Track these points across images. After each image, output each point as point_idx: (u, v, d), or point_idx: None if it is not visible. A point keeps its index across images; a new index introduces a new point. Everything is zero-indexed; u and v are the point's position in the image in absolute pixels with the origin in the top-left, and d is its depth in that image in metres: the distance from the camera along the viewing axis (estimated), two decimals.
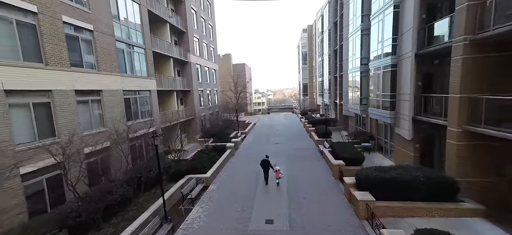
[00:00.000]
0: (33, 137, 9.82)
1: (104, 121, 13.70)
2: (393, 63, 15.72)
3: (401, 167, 11.41)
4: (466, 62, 9.76)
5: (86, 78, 12.39)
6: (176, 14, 26.27)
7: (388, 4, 15.72)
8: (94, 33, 12.97)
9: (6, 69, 8.75)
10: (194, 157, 18.79)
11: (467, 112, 9.98)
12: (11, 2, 8.99)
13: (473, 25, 9.44)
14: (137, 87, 17.12)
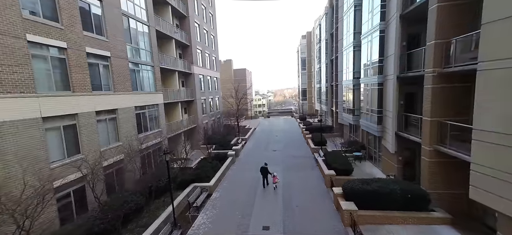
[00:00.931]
0: (63, 155, 11.43)
1: (119, 136, 15.31)
2: (379, 82, 17.29)
3: (382, 180, 12.97)
4: (435, 90, 11.33)
5: (104, 99, 14.01)
6: (181, 29, 27.90)
7: (375, 28, 17.31)
8: (111, 58, 14.60)
9: (43, 99, 10.36)
10: (198, 165, 20.35)
11: (437, 134, 11.55)
12: (47, 43, 10.60)
13: (441, 60, 11.02)
14: (147, 102, 18.73)
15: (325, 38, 38.87)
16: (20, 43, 9.50)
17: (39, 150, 10.11)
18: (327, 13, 36.88)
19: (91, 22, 13.32)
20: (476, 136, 8.47)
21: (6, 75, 8.95)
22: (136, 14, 17.74)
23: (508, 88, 7.31)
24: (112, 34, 14.78)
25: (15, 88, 9.26)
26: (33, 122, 9.89)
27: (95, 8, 13.69)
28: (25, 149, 9.54)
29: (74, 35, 12.04)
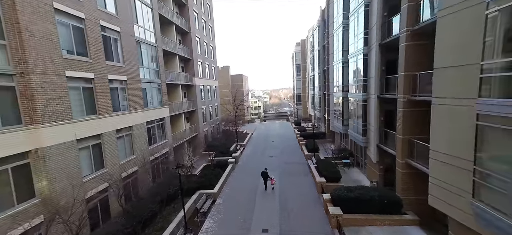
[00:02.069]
0: (91, 170, 13.34)
1: (134, 149, 17.23)
2: (364, 99, 19.57)
3: (363, 188, 15.20)
4: (406, 113, 13.60)
5: (122, 119, 15.93)
6: (183, 44, 29.85)
7: (359, 51, 19.59)
8: (127, 81, 16.52)
9: (77, 124, 12.27)
10: (201, 173, 22.30)
11: (407, 149, 13.83)
12: (79, 76, 12.52)
13: (409, 88, 13.29)
14: (155, 117, 20.65)
15: (317, 49, 41.17)
16: (61, 79, 11.41)
17: (75, 167, 12.02)
18: (319, 26, 39.18)
19: (111, 52, 15.24)
20: (432, 154, 10.74)
21: (52, 107, 10.85)
22: (146, 38, 19.68)
23: (449, 120, 9.56)
24: (128, 60, 16.71)
25: (58, 117, 11.16)
26: (71, 144, 11.80)
27: (114, 38, 15.59)
28: (66, 167, 11.45)
29: (99, 65, 13.95)
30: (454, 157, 9.48)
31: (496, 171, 7.63)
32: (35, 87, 10.09)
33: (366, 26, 18.69)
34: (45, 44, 10.60)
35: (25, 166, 10.03)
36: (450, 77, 9.56)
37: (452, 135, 9.56)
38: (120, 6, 16.02)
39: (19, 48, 9.68)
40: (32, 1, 10.12)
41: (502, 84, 7.25)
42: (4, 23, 9.29)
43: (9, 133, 9.36)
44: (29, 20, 9.94)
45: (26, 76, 9.87)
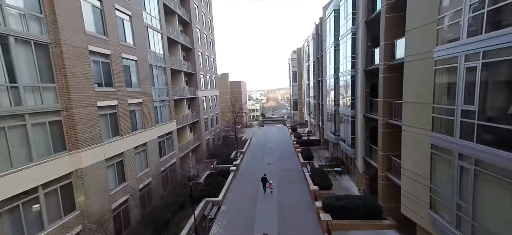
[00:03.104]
0: (115, 184, 15.48)
1: (148, 163, 19.36)
2: (352, 115, 21.95)
3: (350, 196, 17.56)
4: (385, 133, 15.98)
5: (139, 137, 18.08)
6: (187, 60, 32.02)
7: (347, 72, 21.98)
8: (142, 103, 18.67)
9: (105, 145, 14.41)
10: (206, 182, 24.42)
11: (386, 164, 16.20)
12: (107, 104, 14.67)
13: (387, 113, 15.67)
14: (165, 131, 22.79)
15: (312, 60, 43.59)
16: (94, 109, 13.55)
17: (104, 183, 14.16)
18: (314, 39, 41.61)
19: (130, 79, 17.39)
20: (403, 171, 13.12)
21: (88, 133, 12.98)
22: (157, 62, 21.84)
23: (414, 144, 11.92)
24: (143, 84, 18.85)
25: (92, 141, 13.29)
26: (101, 163, 13.94)
27: (132, 67, 17.74)
28: (98, 183, 13.58)
29: (121, 92, 16.11)
30: (418, 175, 11.86)
31: (442, 189, 10.00)
32: (76, 119, 12.23)
33: (353, 51, 21.08)
34: (83, 81, 12.74)
35: (69, 184, 12.16)
36: (413, 110, 11.95)
37: (416, 157, 11.94)
38: (137, 37, 18.18)
39: (65, 88, 11.82)
40: (74, 48, 12.26)
41: (445, 123, 9.60)
42: (54, 69, 11.43)
43: (59, 158, 11.48)
44: (72, 64, 12.08)
45: (70, 110, 12.01)
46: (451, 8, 9.10)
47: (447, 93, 9.58)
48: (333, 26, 26.65)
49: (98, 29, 14.39)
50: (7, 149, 9.46)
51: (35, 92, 10.66)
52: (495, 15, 7.41)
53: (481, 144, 7.83)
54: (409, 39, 12.13)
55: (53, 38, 11.35)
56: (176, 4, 27.76)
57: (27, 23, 10.34)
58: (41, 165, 10.61)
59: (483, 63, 7.73)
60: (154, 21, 21.56)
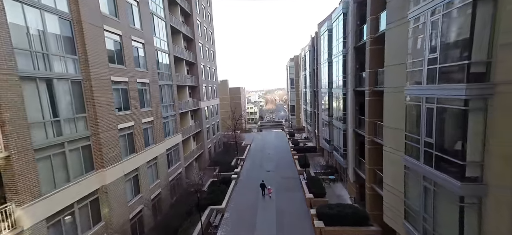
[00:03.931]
0: (132, 196, 17.41)
1: (158, 175, 21.29)
2: (344, 129, 24.04)
3: (341, 205, 19.61)
4: (371, 150, 18.05)
5: (151, 152, 20.01)
6: (190, 73, 33.99)
7: (339, 89, 24.07)
8: (154, 121, 20.62)
9: (124, 163, 16.34)
10: (210, 190, 26.34)
11: (372, 176, 18.28)
12: (125, 126, 16.61)
13: (373, 132, 17.75)
14: (172, 144, 24.74)
15: (309, 70, 45.68)
16: (116, 132, 15.49)
17: (124, 196, 16.09)
18: (310, 51, 43.69)
19: (143, 100, 19.34)
20: (384, 185, 15.18)
21: (111, 154, 14.92)
22: (166, 81, 23.81)
23: (391, 163, 13.99)
24: (154, 103, 20.81)
25: (114, 160, 15.23)
26: (121, 178, 15.88)
27: (145, 90, 19.69)
28: (119, 197, 15.51)
29: (137, 114, 18.06)
30: (395, 189, 13.93)
31: (413, 203, 12.08)
32: (102, 142, 14.16)
33: (345, 71, 23.19)
34: (107, 109, 14.70)
35: (96, 199, 14.08)
36: (391, 134, 14.02)
37: (394, 174, 14.01)
38: (149, 62, 20.13)
39: (93, 116, 13.76)
40: (101, 81, 14.21)
41: (414, 149, 11.65)
42: (85, 101, 13.38)
43: (89, 177, 13.42)
44: (99, 95, 14.03)
45: (97, 135, 13.95)
46: (415, 58, 11.19)
47: (415, 124, 11.64)
48: (327, 44, 28.74)
49: (118, 60, 16.36)
50: (52, 173, 11.39)
51: (71, 123, 12.59)
52: (445, 72, 9.49)
53: (437, 170, 9.90)
54: (388, 73, 14.25)
55: (84, 75, 13.30)
56: (181, 24, 29.73)
57: (66, 65, 12.30)
58: (76, 184, 12.53)
59: (437, 107, 9.81)
60: (162, 44, 23.53)
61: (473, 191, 8.83)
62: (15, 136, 9.57)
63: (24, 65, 10.26)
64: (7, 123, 9.31)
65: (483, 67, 8.24)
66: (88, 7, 13.43)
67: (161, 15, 23.42)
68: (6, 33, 9.38)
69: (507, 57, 7.52)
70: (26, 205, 9.94)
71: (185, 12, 32.01)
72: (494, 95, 8.02)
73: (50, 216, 11.07)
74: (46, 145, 11.05)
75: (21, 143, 9.82)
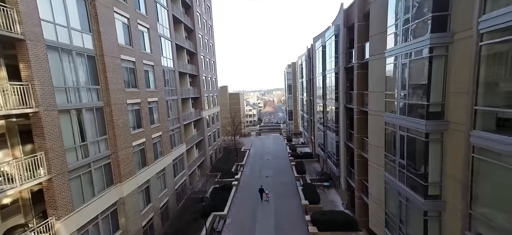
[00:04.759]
0: (144, 205, 19.28)
1: (166, 184, 23.17)
2: (336, 140, 26.03)
3: (332, 212, 21.63)
4: (359, 162, 20.02)
5: (160, 164, 21.90)
6: (193, 85, 35.88)
7: (332, 102, 26.06)
8: (162, 135, 22.50)
9: (138, 176, 18.20)
10: (212, 197, 28.16)
11: (361, 186, 20.26)
12: (138, 142, 18.48)
13: (361, 148, 19.73)
14: (177, 154, 26.62)
15: (305, 79, 47.71)
16: (131, 149, 17.38)
17: (137, 206, 17.97)
18: (306, 60, 45.72)
19: (153, 118, 21.23)
20: (369, 195, 17.18)
21: (127, 169, 16.80)
22: (172, 96, 25.70)
23: (376, 177, 15.98)
24: (163, 119, 22.71)
25: (130, 174, 17.10)
26: (135, 190, 17.76)
27: (155, 108, 21.58)
28: (134, 207, 17.40)
29: (148, 130, 19.95)
30: (378, 200, 15.92)
31: (391, 213, 14.08)
32: (120, 159, 16.04)
33: (337, 87, 25.18)
34: (124, 129, 16.58)
35: (115, 210, 15.96)
36: (373, 150, 16.02)
37: (377, 186, 16.00)
38: (158, 83, 22.04)
39: (113, 137, 15.65)
40: (119, 105, 16.10)
41: (393, 170, 13.64)
42: (106, 124, 15.27)
43: (109, 191, 15.31)
44: (117, 118, 15.91)
45: (116, 153, 15.83)
46: (390, 90, 13.17)
47: (392, 146, 13.60)
48: (321, 59, 30.76)
49: (132, 84, 18.25)
50: (81, 189, 13.27)
51: (95, 144, 14.47)
52: (413, 106, 11.46)
53: (408, 188, 11.88)
54: (371, 97, 16.27)
55: (105, 101, 15.19)
56: (184, 41, 31.63)
57: (91, 95, 14.19)
58: (100, 198, 14.42)
59: (407, 135, 11.79)
60: (168, 62, 25.43)
61: (434, 207, 10.84)
62: (55, 162, 11.45)
63: (61, 100, 12.13)
64: (49, 151, 11.19)
65: (439, 107, 10.24)
66: (108, 41, 15.32)
67: (167, 35, 25.33)
68: (49, 76, 11.26)
69: (455, 102, 9.51)
70: (63, 219, 11.81)
71: (188, 28, 33.90)
72: (447, 130, 10.03)
73: (80, 227, 12.93)
74: (77, 166, 12.93)
75: (60, 166, 11.70)
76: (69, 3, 12.73)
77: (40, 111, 10.81)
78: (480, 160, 8.05)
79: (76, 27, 13.27)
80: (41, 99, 10.85)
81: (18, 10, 10.00)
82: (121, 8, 16.97)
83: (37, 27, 10.76)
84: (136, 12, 19.04)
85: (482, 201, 8.30)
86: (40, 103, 10.82)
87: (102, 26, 14.73)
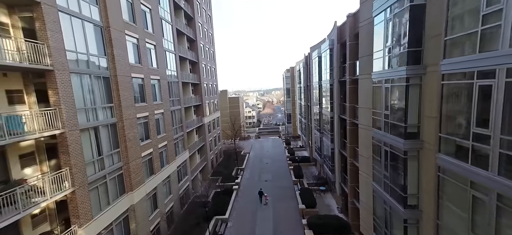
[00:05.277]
0: (152, 211, 20.71)
1: (171, 190, 24.63)
2: (332, 148, 27.53)
3: (327, 216, 23.15)
4: (352, 170, 21.53)
5: (165, 171, 23.34)
6: (195, 93, 37.34)
7: (327, 111, 27.58)
8: (167, 144, 23.94)
9: (146, 184, 19.65)
10: (214, 201, 29.60)
11: (353, 193, 21.77)
12: (146, 153, 19.94)
13: (353, 157, 21.24)
14: (181, 161, 28.06)
15: (303, 85, 49.22)
16: (140, 159, 18.83)
17: (146, 212, 19.42)
18: (304, 67, 47.23)
19: (159, 128, 22.68)
20: (360, 202, 18.69)
21: (137, 178, 18.25)
22: (175, 106, 27.16)
23: (365, 186, 17.48)
24: (167, 129, 24.17)
25: (139, 183, 18.54)
26: (144, 197, 19.21)
27: (161, 119, 23.03)
28: (143, 213, 18.84)
29: (155, 141, 21.40)
30: (367, 205, 17.43)
31: (379, 218, 15.58)
32: (131, 170, 17.49)
33: (331, 97, 26.68)
34: (134, 142, 18.03)
35: (127, 217, 17.41)
36: (363, 161, 17.53)
37: (367, 193, 17.51)
38: (163, 95, 23.49)
39: (124, 149, 17.10)
40: (130, 120, 17.55)
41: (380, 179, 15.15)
42: (119, 138, 16.73)
43: (122, 200, 16.76)
44: (129, 131, 17.36)
45: (127, 164, 17.28)
46: (376, 108, 14.66)
47: (378, 158, 15.11)
48: (317, 69, 32.24)
49: (141, 98, 19.71)
50: (99, 199, 14.72)
51: (109, 157, 15.93)
52: (394, 126, 12.95)
53: (391, 197, 13.38)
54: (360, 112, 17.79)
55: (118, 117, 16.65)
56: (187, 53, 33.09)
57: (106, 113, 15.66)
58: (114, 206, 15.87)
59: (390, 150, 13.29)
60: (173, 74, 26.88)
61: (412, 215, 12.34)
62: (77, 175, 12.90)
63: (81, 120, 13.58)
64: (73, 166, 12.64)
65: (416, 129, 11.75)
66: (121, 63, 16.79)
67: (171, 49, 26.80)
68: (72, 99, 12.72)
69: (428, 125, 11.01)
70: (84, 226, 13.26)
71: (190, 39, 35.38)
72: (422, 149, 11.54)
73: (98, 233, 14.38)
74: (95, 178, 14.39)
75: (81, 179, 13.15)
76: (88, 32, 14.20)
77: (65, 131, 12.25)
78: (444, 178, 9.57)
79: (94, 53, 14.73)
80: (67, 121, 12.30)
81: (48, 45, 11.46)
82: (131, 30, 18.43)
83: (63, 57, 12.20)
84: (144, 31, 20.50)
85: (446, 214, 9.81)
86: (66, 124, 12.26)
87: (116, 49, 16.19)
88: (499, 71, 6.71)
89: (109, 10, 15.63)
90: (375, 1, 14.05)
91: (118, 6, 16.74)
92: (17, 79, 11.84)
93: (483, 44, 7.24)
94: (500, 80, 6.69)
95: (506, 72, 6.54)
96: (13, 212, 9.94)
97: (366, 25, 15.98)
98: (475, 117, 7.69)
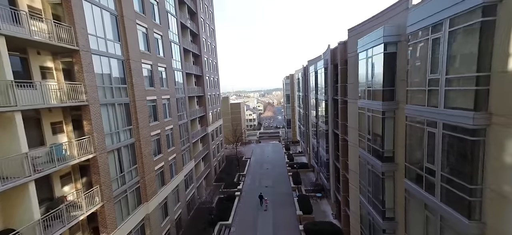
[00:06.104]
0: (163, 218, 23.00)
1: (179, 198, 26.91)
2: (326, 157, 29.76)
3: (322, 222, 25.39)
4: (344, 181, 23.77)
5: (175, 180, 25.64)
6: (199, 105, 39.67)
7: (323, 123, 29.83)
8: (176, 157, 26.23)
9: (159, 194, 21.92)
10: (218, 207, 31.80)
11: (345, 201, 24.00)
12: (159, 166, 22.24)
13: (345, 169, 23.51)
14: (187, 170, 30.36)
15: (302, 94, 51.47)
16: (154, 172, 21.14)
17: (159, 219, 21.71)
18: (302, 77, 49.49)
19: (169, 142, 24.99)
20: (350, 211, 20.93)
21: (152, 189, 20.53)
22: (182, 120, 29.49)
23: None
24: (176, 142, 26.47)
25: (153, 194, 20.83)
26: (157, 207, 21.49)
27: (171, 134, 25.34)
28: (156, 220, 21.12)
29: (166, 154, 23.71)
30: (356, 214, 19.67)
31: (364, 226, 17.81)
32: (146, 182, 19.80)
33: (326, 112, 28.93)
34: (149, 157, 20.34)
35: (143, 225, 19.71)
36: (353, 176, 19.77)
37: (355, 204, 19.74)
38: (173, 112, 25.81)
39: (141, 165, 19.41)
40: (146, 138, 19.87)
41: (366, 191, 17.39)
42: (137, 155, 19.03)
43: (139, 209, 19.05)
44: (145, 148, 19.67)
45: (143, 178, 19.58)
46: (361, 131, 16.92)
47: (364, 175, 17.35)
48: (314, 83, 34.52)
49: (154, 118, 22.02)
50: (121, 210, 17.02)
51: (129, 173, 18.25)
52: (374, 149, 15.19)
53: (373, 210, 15.62)
54: (350, 131, 20.04)
55: (136, 137, 18.97)
56: (193, 68, 35.45)
57: (126, 134, 17.96)
58: (133, 216, 18.18)
59: (371, 169, 15.52)
60: (179, 91, 29.22)
61: (390, 226, 14.56)
62: (106, 191, 15.21)
63: (108, 143, 15.90)
64: (102, 184, 14.95)
65: (391, 153, 14.00)
66: (138, 87, 19.07)
67: (179, 67, 29.13)
68: (102, 127, 15.04)
69: (400, 152, 13.24)
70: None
71: (195, 54, 37.73)
72: (397, 171, 13.79)
73: None
74: (118, 193, 16.71)
75: (108, 194, 15.47)
76: (113, 66, 16.54)
77: (96, 155, 14.57)
78: (409, 199, 11.83)
79: (117, 85, 17.07)
80: (98, 145, 14.62)
81: (84, 84, 13.79)
82: (146, 58, 20.79)
83: (95, 93, 14.54)
84: (157, 57, 22.82)
85: (411, 228, 12.06)
86: (97, 148, 14.58)
87: (134, 77, 18.51)
88: (439, 123, 8.98)
89: (129, 45, 17.97)
90: (359, 40, 16.34)
91: (135, 37, 19.06)
92: (59, 113, 14.14)
93: (430, 99, 9.50)
94: (439, 130, 8.96)
95: (443, 125, 8.81)
96: (59, 225, 12.24)
97: (353, 56, 18.26)
98: (426, 154, 9.95)
